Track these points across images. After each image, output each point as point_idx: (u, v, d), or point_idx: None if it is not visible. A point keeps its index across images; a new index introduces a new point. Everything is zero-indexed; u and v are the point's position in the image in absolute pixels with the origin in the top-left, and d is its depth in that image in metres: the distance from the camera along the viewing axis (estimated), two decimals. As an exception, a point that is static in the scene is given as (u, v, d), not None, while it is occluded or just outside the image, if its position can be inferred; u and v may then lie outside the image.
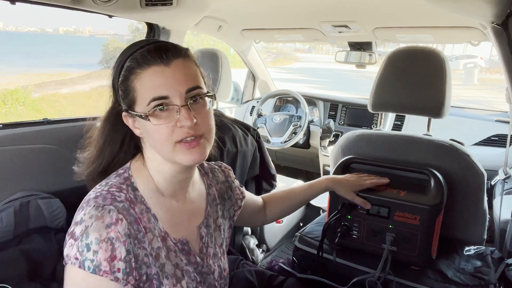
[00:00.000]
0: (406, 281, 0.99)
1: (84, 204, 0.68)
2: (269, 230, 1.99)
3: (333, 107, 2.56)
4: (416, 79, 1.16)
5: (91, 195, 0.68)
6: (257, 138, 1.66)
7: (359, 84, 13.19)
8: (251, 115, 2.73)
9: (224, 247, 0.88)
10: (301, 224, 2.32)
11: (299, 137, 2.39)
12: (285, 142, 2.37)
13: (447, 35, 1.80)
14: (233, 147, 1.51)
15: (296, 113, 2.63)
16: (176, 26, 1.73)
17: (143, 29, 1.76)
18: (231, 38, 2.42)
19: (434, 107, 1.15)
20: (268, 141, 2.40)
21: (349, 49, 2.21)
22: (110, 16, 1.49)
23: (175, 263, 0.73)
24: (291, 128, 2.38)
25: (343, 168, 1.15)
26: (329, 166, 2.34)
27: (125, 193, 0.70)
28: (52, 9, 1.35)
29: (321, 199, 2.08)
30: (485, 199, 1.12)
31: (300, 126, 2.38)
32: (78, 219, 0.65)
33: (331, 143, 2.46)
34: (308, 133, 2.49)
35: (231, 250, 1.41)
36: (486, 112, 2.36)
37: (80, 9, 1.35)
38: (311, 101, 2.60)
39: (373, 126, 2.38)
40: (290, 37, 2.23)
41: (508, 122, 2.02)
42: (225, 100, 1.84)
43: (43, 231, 1.13)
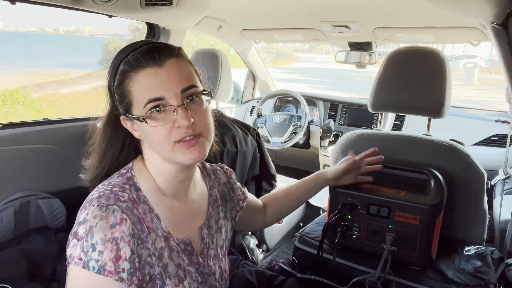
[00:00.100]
0: (406, 281, 0.99)
1: (87, 204, 0.67)
2: (269, 230, 1.99)
3: (333, 107, 2.56)
4: (416, 79, 1.16)
5: (94, 195, 0.68)
6: (257, 138, 1.66)
7: (359, 84, 13.19)
8: (251, 115, 2.73)
9: (225, 248, 0.88)
10: (301, 224, 2.32)
11: (299, 137, 2.39)
12: (285, 142, 2.37)
13: (447, 35, 1.80)
14: (233, 147, 1.51)
15: (296, 113, 2.63)
16: (176, 26, 1.73)
17: (143, 29, 1.77)
18: (231, 38, 2.42)
19: (434, 107, 1.15)
20: (268, 141, 2.40)
21: (349, 49, 2.20)
22: (110, 16, 1.49)
23: (178, 263, 0.73)
24: (291, 128, 2.38)
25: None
26: (329, 166, 2.34)
27: (128, 193, 0.70)
28: (52, 9, 1.35)
29: (321, 199, 2.08)
30: (485, 199, 1.12)
31: (300, 126, 2.38)
32: (81, 219, 0.65)
33: (331, 143, 2.46)
34: (308, 133, 2.48)
35: (231, 250, 1.41)
36: (486, 112, 2.36)
37: (80, 9, 1.35)
38: (311, 101, 2.60)
39: (373, 126, 2.38)
40: (290, 37, 2.23)
41: (508, 122, 2.02)
42: (225, 100, 1.84)
43: (43, 231, 1.13)
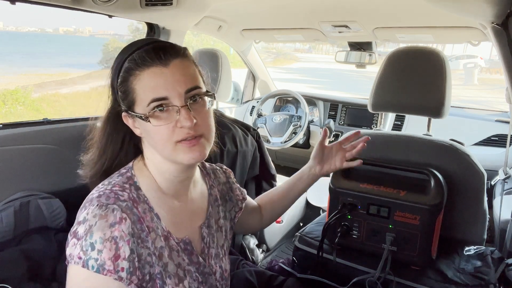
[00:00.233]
0: (406, 281, 0.99)
1: (87, 203, 0.67)
2: (269, 230, 1.99)
3: (333, 107, 2.56)
4: (416, 79, 1.16)
5: (94, 194, 0.68)
6: (257, 138, 1.66)
7: (359, 84, 13.20)
8: (251, 115, 2.73)
9: (226, 248, 0.88)
10: (301, 224, 2.32)
11: (299, 137, 2.39)
12: (285, 142, 2.37)
13: (447, 35, 1.80)
14: (233, 147, 1.51)
15: (296, 113, 2.63)
16: (176, 26, 1.73)
17: (143, 29, 1.76)
18: (231, 38, 2.42)
19: (434, 107, 1.15)
20: (268, 141, 2.40)
21: (349, 49, 2.21)
22: (110, 16, 1.49)
23: (177, 263, 0.73)
24: (291, 128, 2.38)
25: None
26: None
27: (128, 192, 0.70)
28: (52, 9, 1.35)
29: (321, 199, 2.08)
30: (485, 199, 1.12)
31: (300, 126, 2.38)
32: (81, 218, 0.65)
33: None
34: (308, 133, 2.49)
35: (231, 250, 1.41)
36: (486, 112, 2.37)
37: (80, 9, 1.35)
38: (311, 101, 2.60)
39: (373, 126, 2.38)
40: (290, 37, 2.23)
41: (508, 122, 2.02)
42: (225, 100, 1.84)
43: (43, 231, 1.13)
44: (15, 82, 11.05)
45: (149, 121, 0.67)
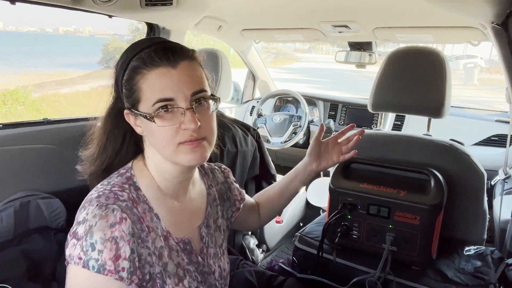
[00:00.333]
0: (406, 281, 0.99)
1: (86, 203, 0.67)
2: (269, 230, 1.99)
3: (333, 107, 2.56)
4: (416, 79, 1.16)
5: (93, 195, 0.68)
6: (257, 138, 1.66)
7: (359, 84, 13.19)
8: (251, 115, 2.73)
9: (224, 247, 0.89)
10: (301, 224, 2.32)
11: (299, 137, 2.39)
12: (285, 142, 2.37)
13: (447, 35, 1.80)
14: (233, 147, 1.51)
15: (296, 113, 2.63)
16: (176, 26, 1.73)
17: (143, 29, 1.77)
18: (231, 38, 2.42)
19: (434, 107, 1.15)
20: (268, 141, 2.40)
21: (349, 49, 2.21)
22: (110, 16, 1.49)
23: (177, 263, 0.74)
24: (291, 128, 2.38)
25: (343, 168, 1.14)
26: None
27: (128, 192, 0.70)
28: (52, 9, 1.35)
29: (321, 199, 2.08)
30: (485, 199, 1.12)
31: (300, 126, 2.38)
32: (80, 218, 0.65)
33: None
34: (308, 133, 2.48)
35: (231, 250, 1.41)
36: (486, 112, 2.37)
37: (80, 9, 1.35)
38: (311, 101, 2.60)
39: (373, 126, 2.38)
40: (290, 37, 2.23)
41: (508, 122, 2.02)
42: (225, 100, 1.84)
43: (43, 231, 1.13)
44: (15, 82, 11.04)
45: (153, 120, 0.67)
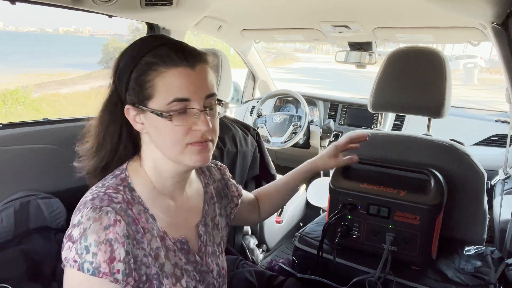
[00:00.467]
0: (406, 281, 0.99)
1: (81, 206, 0.68)
2: (269, 230, 1.99)
3: (333, 107, 2.56)
4: (416, 79, 1.16)
5: (87, 197, 0.68)
6: (257, 138, 1.66)
7: (359, 84, 13.19)
8: (251, 115, 2.73)
9: (222, 245, 0.89)
10: (301, 224, 2.32)
11: (299, 137, 2.39)
12: (285, 142, 2.38)
13: (447, 35, 1.80)
14: (233, 147, 1.51)
15: (296, 113, 2.63)
16: (176, 26, 1.73)
17: (143, 29, 1.77)
18: (231, 38, 2.42)
19: (434, 107, 1.15)
20: (268, 141, 2.40)
21: (349, 49, 2.21)
22: (110, 16, 1.49)
23: (174, 263, 0.74)
24: (291, 128, 2.38)
25: (343, 169, 1.14)
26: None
27: (122, 194, 0.69)
28: (52, 9, 1.35)
29: (321, 199, 2.08)
30: (485, 199, 1.12)
31: (300, 126, 2.38)
32: (75, 221, 0.65)
33: (331, 143, 2.46)
34: (308, 133, 2.49)
35: (231, 250, 1.41)
36: (486, 112, 2.37)
37: (80, 9, 1.35)
38: (311, 101, 2.61)
39: (373, 126, 2.38)
40: (290, 37, 2.23)
41: (508, 122, 2.02)
42: (225, 100, 1.84)
43: (43, 231, 1.13)
44: (15, 82, 11.04)
45: (171, 119, 0.68)
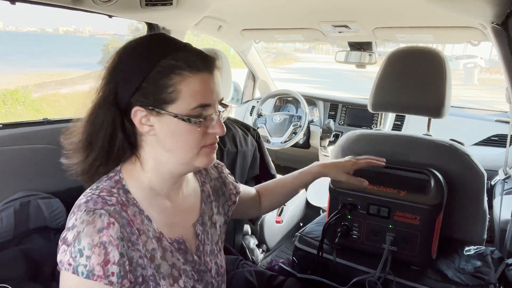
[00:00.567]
0: (406, 281, 0.99)
1: (75, 209, 0.68)
2: (269, 230, 1.99)
3: (333, 107, 2.56)
4: (416, 79, 1.16)
5: (82, 200, 0.68)
6: (257, 138, 1.66)
7: (359, 84, 13.18)
8: (251, 115, 2.73)
9: (220, 243, 0.89)
10: (301, 224, 2.32)
11: (299, 137, 2.39)
12: (285, 142, 2.38)
13: (447, 35, 1.80)
14: (233, 147, 1.51)
15: (296, 113, 2.64)
16: (176, 26, 1.73)
17: (143, 29, 1.76)
18: (231, 38, 2.42)
19: (434, 107, 1.15)
20: (268, 141, 2.40)
21: (349, 49, 2.21)
22: (110, 16, 1.49)
23: (172, 263, 0.73)
24: (291, 128, 2.38)
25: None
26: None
27: (117, 196, 0.69)
28: (52, 9, 1.35)
29: (321, 199, 2.08)
30: (485, 199, 1.12)
31: (300, 126, 2.38)
32: (70, 224, 0.65)
33: (331, 143, 2.46)
34: (308, 133, 2.49)
35: (231, 250, 1.41)
36: (486, 112, 2.37)
37: (80, 9, 1.35)
38: (311, 101, 2.61)
39: (373, 126, 2.38)
40: (290, 37, 2.23)
41: (508, 122, 2.02)
42: (225, 100, 1.84)
43: (43, 231, 1.13)
44: (15, 82, 11.03)
45: (198, 124, 0.70)
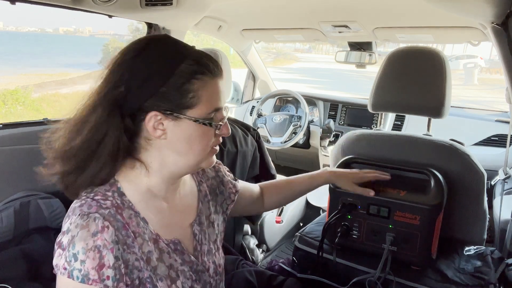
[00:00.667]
0: (406, 281, 0.99)
1: (70, 212, 0.67)
2: (269, 230, 1.99)
3: (333, 107, 2.56)
4: (416, 79, 1.16)
5: (76, 204, 0.68)
6: (257, 138, 1.66)
7: (359, 84, 13.18)
8: (251, 115, 2.73)
9: (218, 242, 0.88)
10: (301, 224, 2.32)
11: (299, 137, 2.39)
12: (285, 142, 2.38)
13: (447, 35, 1.80)
14: (233, 147, 1.51)
15: (296, 113, 2.64)
16: (176, 26, 1.73)
17: (143, 29, 1.76)
18: (231, 38, 2.42)
19: (434, 107, 1.15)
20: (268, 141, 2.40)
21: (349, 49, 2.21)
22: (110, 16, 1.49)
23: (169, 264, 0.73)
24: (291, 128, 2.38)
25: (343, 168, 1.14)
26: (329, 166, 2.34)
27: (111, 199, 0.69)
28: (52, 9, 1.35)
29: (321, 199, 2.08)
30: (485, 199, 1.12)
31: (300, 126, 2.38)
32: (65, 228, 0.65)
33: (331, 143, 2.46)
34: (308, 133, 2.49)
35: (231, 250, 1.41)
36: (486, 112, 2.37)
37: (80, 9, 1.35)
38: (311, 101, 2.61)
39: (373, 126, 2.38)
40: (290, 37, 2.23)
41: (508, 122, 2.02)
42: (225, 100, 1.84)
43: (43, 231, 1.13)
44: (15, 82, 11.04)
45: (218, 128, 0.74)
